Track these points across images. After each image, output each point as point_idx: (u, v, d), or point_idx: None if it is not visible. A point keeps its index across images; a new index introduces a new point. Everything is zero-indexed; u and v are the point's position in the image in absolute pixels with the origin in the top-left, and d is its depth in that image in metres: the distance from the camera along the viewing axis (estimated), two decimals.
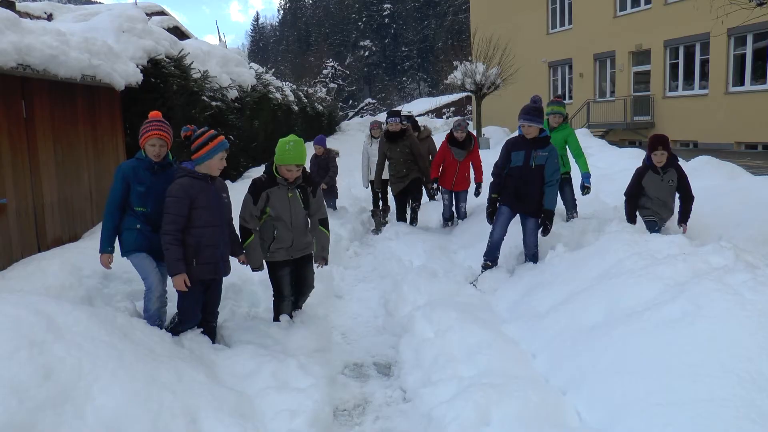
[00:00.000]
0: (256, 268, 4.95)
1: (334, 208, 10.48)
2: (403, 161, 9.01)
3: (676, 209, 6.63)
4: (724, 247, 4.52)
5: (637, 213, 6.67)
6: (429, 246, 7.87)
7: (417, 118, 14.10)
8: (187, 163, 4.53)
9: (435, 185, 8.92)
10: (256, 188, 4.88)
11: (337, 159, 10.69)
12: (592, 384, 3.64)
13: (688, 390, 3.10)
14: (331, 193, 10.41)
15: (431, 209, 10.46)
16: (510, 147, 6.30)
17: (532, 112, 6.05)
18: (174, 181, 4.45)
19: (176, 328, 4.58)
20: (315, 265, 5.35)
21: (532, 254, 6.39)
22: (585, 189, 7.53)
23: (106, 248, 4.61)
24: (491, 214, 6.47)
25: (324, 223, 5.20)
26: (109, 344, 3.57)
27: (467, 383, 3.85)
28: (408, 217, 9.53)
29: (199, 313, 4.63)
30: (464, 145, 8.76)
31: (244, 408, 3.73)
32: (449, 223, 9.39)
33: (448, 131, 8.96)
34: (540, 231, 6.26)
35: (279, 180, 4.87)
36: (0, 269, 5.43)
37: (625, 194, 6.73)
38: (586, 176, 7.55)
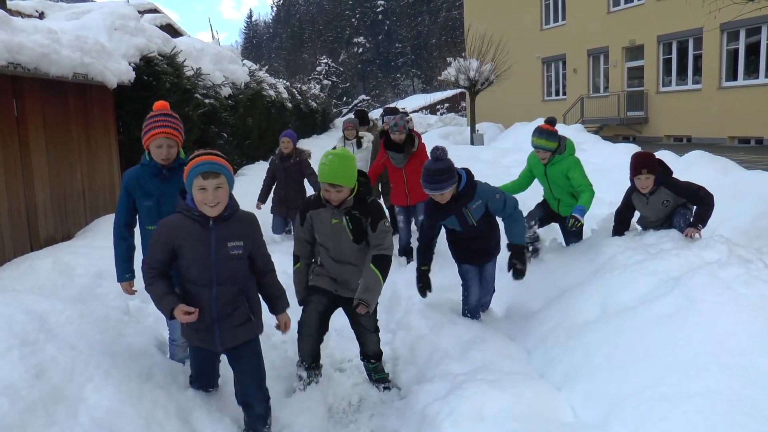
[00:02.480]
0: (300, 300, 4.18)
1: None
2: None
3: None
4: (717, 241, 4.53)
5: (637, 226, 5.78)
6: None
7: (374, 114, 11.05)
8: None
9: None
10: (303, 209, 4.09)
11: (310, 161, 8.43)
12: (587, 379, 3.64)
13: (682, 384, 3.11)
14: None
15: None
16: (433, 215, 4.96)
17: (435, 176, 4.55)
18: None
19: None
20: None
21: (486, 301, 5.39)
22: (572, 219, 5.59)
23: (123, 276, 3.94)
24: (423, 289, 5.05)
25: (379, 261, 3.91)
26: (102, 344, 3.55)
27: (461, 379, 3.84)
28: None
29: (208, 379, 3.72)
30: (404, 147, 6.79)
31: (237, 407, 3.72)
32: (409, 259, 7.06)
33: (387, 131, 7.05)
34: (510, 273, 4.97)
35: (324, 201, 3.92)
36: None
37: (616, 212, 5.73)
38: (579, 209, 5.59)
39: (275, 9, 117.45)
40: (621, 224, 5.63)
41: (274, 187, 8.21)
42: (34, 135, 6.14)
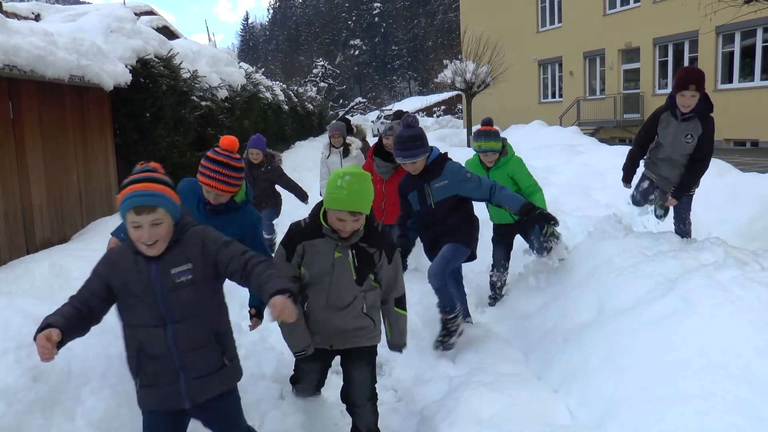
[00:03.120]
0: (297, 352, 3.31)
1: (270, 232, 7.48)
2: None
3: None
4: (713, 243, 4.54)
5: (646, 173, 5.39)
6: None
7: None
8: None
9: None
10: (291, 237, 3.24)
11: (282, 166, 7.64)
12: (583, 381, 3.65)
13: (679, 386, 3.11)
14: (276, 206, 7.51)
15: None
16: (401, 188, 4.72)
17: (407, 143, 4.32)
18: None
19: None
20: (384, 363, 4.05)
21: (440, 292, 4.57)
22: (545, 227, 5.28)
23: (119, 233, 3.61)
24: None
25: (401, 301, 3.47)
26: (99, 346, 3.55)
27: (458, 382, 3.85)
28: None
29: None
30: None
31: None
32: None
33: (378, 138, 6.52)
34: (542, 239, 5.06)
35: (326, 230, 3.15)
36: None
37: (636, 137, 5.38)
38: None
39: (271, 11, 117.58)
40: (638, 148, 5.28)
41: None
42: (30, 137, 6.13)
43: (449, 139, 24.83)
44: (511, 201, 4.39)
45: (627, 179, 5.48)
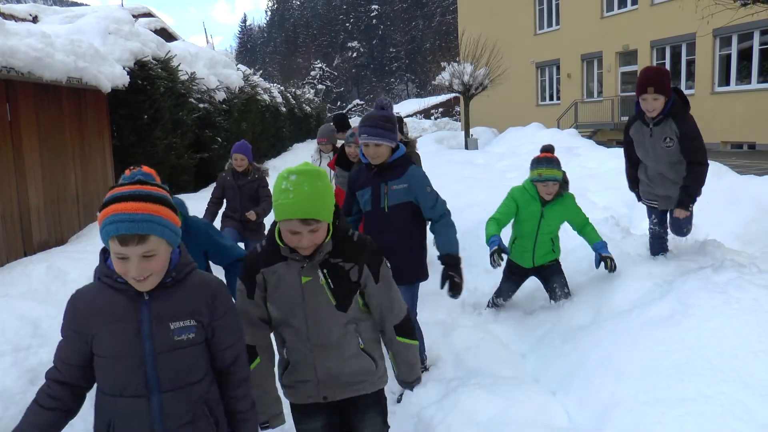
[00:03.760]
0: (261, 424, 2.48)
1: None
2: None
3: None
4: (711, 245, 4.55)
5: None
6: None
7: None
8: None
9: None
10: (247, 267, 2.49)
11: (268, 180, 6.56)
12: (581, 383, 3.65)
13: (676, 388, 3.11)
14: (258, 233, 6.50)
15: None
16: (352, 182, 4.07)
17: (378, 121, 3.71)
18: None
19: None
20: (398, 394, 3.63)
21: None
22: (605, 260, 4.70)
23: None
24: None
25: (403, 330, 2.61)
26: None
27: (456, 384, 3.84)
28: None
29: None
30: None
31: None
32: None
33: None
34: (446, 290, 3.74)
35: (284, 250, 2.39)
36: None
37: (624, 159, 5.14)
38: (601, 246, 4.76)
39: (269, 13, 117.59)
40: (629, 162, 4.95)
41: (223, 210, 6.52)
42: (28, 139, 6.12)
43: (447, 141, 24.80)
44: (444, 242, 3.78)
45: (635, 190, 5.18)
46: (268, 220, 5.90)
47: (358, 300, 2.50)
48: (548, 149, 4.86)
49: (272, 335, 2.58)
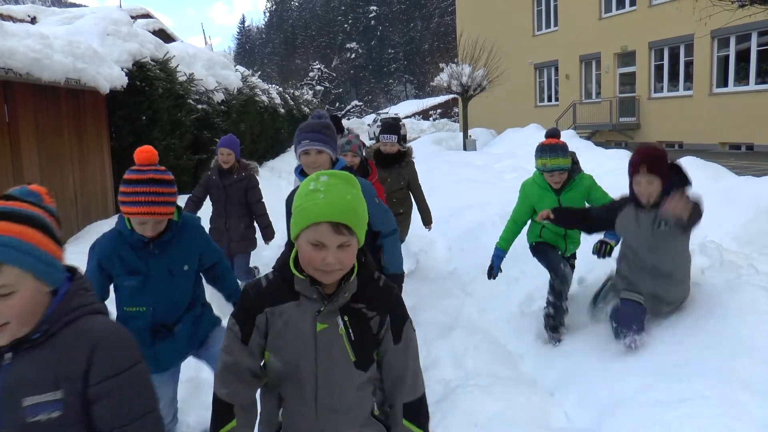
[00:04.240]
0: None
1: (246, 269, 5.86)
2: (396, 201, 6.04)
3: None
4: (709, 247, 4.56)
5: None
6: None
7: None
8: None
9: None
10: (246, 305, 1.94)
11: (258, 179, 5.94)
12: (580, 384, 3.65)
13: (674, 389, 3.12)
14: (248, 242, 5.85)
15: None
16: (289, 201, 3.45)
17: (319, 127, 3.36)
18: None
19: None
20: None
21: None
22: (603, 247, 4.29)
23: None
24: None
25: (415, 411, 2.03)
26: None
27: (454, 385, 3.85)
28: None
29: None
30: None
31: None
32: None
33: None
34: None
35: (300, 283, 1.88)
36: None
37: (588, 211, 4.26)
38: (613, 233, 4.21)
39: (268, 14, 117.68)
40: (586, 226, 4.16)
41: (211, 215, 5.83)
42: (26, 140, 6.12)
43: (445, 142, 24.81)
44: (392, 260, 3.47)
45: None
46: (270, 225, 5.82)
47: (377, 355, 2.00)
48: (553, 134, 4.57)
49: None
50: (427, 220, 6.42)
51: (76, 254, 6.01)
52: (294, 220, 1.83)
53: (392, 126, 6.09)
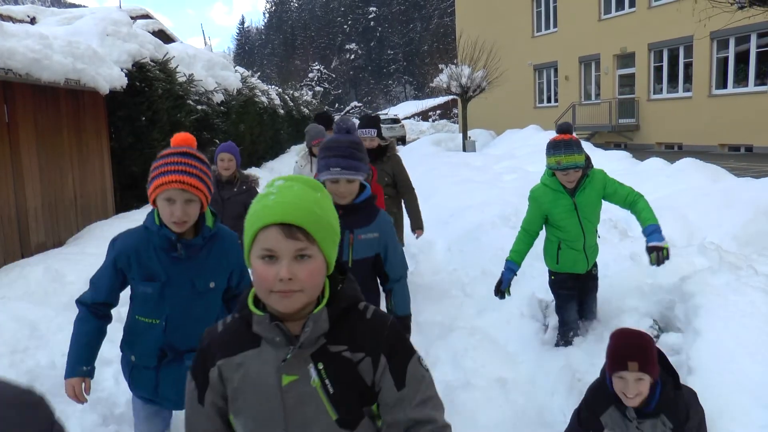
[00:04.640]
0: None
1: None
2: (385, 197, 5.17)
3: None
4: (708, 248, 4.56)
5: None
6: None
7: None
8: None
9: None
10: (198, 357, 1.55)
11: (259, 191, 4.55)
12: (580, 384, 3.65)
13: None
14: None
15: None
16: None
17: (350, 150, 2.82)
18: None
19: None
20: None
21: None
22: (655, 252, 3.73)
23: (74, 369, 2.48)
24: None
25: None
26: None
27: (455, 386, 3.85)
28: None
29: None
30: None
31: None
32: None
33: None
34: None
35: (258, 322, 1.45)
36: None
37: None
38: (652, 230, 3.81)
39: (267, 15, 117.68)
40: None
41: None
42: (26, 141, 6.12)
43: (445, 143, 24.83)
44: (402, 302, 3.04)
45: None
46: None
47: (373, 409, 1.54)
48: (566, 129, 4.05)
49: None
50: (416, 225, 5.62)
51: (76, 254, 6.02)
52: (244, 236, 1.46)
53: (371, 120, 5.63)
